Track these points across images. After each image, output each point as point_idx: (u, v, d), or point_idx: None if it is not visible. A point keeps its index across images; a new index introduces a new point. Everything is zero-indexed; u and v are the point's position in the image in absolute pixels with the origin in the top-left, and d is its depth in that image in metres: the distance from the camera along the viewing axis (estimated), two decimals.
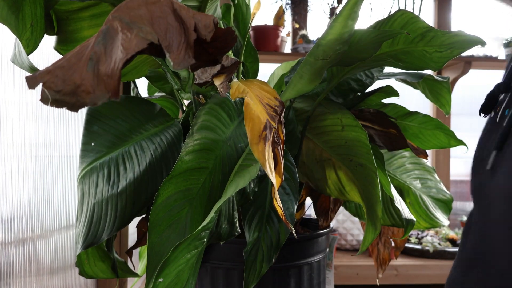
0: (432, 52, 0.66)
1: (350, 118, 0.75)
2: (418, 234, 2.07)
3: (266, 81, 1.17)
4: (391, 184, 0.87)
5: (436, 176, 1.06)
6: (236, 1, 0.92)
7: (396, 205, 0.86)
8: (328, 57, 0.62)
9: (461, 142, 0.97)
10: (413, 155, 1.05)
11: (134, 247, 0.88)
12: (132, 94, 0.98)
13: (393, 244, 1.07)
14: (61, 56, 0.77)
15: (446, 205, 1.05)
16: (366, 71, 0.86)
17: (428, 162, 1.06)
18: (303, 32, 2.17)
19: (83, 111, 0.62)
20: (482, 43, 0.65)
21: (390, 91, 0.93)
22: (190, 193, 0.55)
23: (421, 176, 1.05)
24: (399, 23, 0.65)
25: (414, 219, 0.91)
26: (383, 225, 0.98)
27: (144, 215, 0.87)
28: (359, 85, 0.83)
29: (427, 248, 1.94)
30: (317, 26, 2.34)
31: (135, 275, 0.88)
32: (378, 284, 1.26)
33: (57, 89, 0.38)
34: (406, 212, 0.90)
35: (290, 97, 0.72)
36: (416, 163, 1.06)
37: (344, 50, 0.62)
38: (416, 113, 0.98)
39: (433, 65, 0.68)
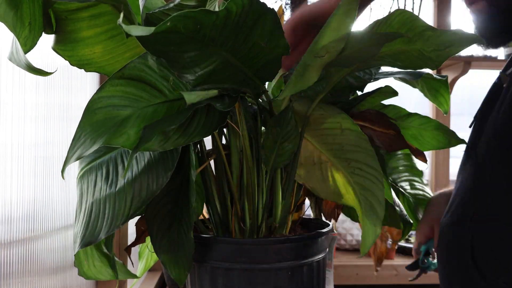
0: (430, 50, 0.66)
1: (349, 122, 0.75)
2: None
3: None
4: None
5: (423, 179, 1.07)
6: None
7: (395, 207, 0.86)
8: (325, 55, 0.62)
9: (462, 141, 0.96)
10: (406, 158, 1.06)
11: (133, 244, 0.88)
12: None
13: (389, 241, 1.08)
14: (58, 56, 0.77)
15: None
16: (365, 70, 0.86)
17: (428, 162, 1.06)
18: None
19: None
20: (480, 41, 0.66)
21: (389, 92, 0.93)
22: None
23: (410, 178, 1.06)
24: (398, 22, 0.65)
25: (412, 221, 0.91)
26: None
27: (143, 214, 0.87)
28: (357, 81, 0.83)
29: None
30: None
31: (134, 276, 0.88)
32: (377, 281, 1.26)
33: None
34: (404, 213, 0.90)
35: (289, 95, 0.72)
36: (407, 165, 1.06)
37: (342, 49, 0.62)
38: (416, 114, 0.98)
39: (431, 63, 0.68)
